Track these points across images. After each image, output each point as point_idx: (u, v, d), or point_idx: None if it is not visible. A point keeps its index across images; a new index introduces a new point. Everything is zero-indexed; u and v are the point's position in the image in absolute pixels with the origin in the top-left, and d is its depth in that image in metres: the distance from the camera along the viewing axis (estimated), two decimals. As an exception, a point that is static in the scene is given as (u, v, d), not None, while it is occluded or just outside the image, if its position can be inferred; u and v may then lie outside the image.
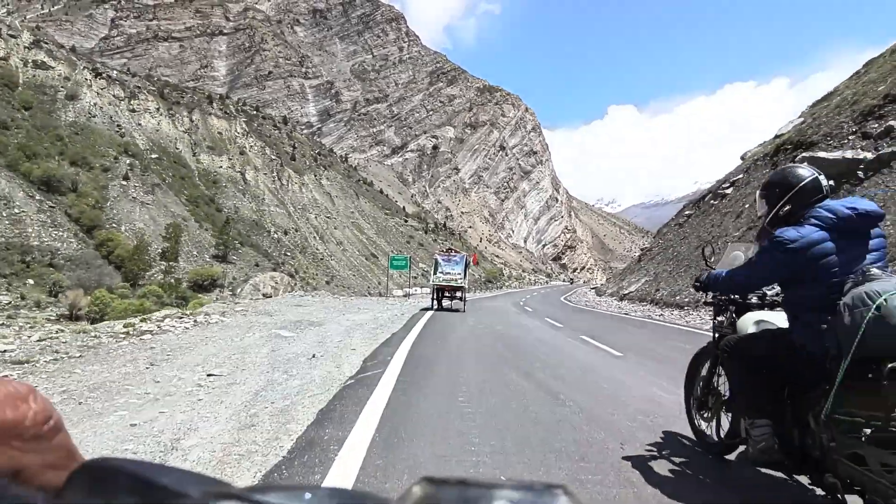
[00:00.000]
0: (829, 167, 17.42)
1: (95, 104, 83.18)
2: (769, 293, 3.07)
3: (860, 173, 16.49)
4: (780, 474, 2.66)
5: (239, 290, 54.03)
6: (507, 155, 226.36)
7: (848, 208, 2.38)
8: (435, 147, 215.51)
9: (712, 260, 3.43)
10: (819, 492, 2.42)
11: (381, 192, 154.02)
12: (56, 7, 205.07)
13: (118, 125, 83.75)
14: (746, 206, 21.07)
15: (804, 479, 2.52)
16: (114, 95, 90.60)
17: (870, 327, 2.03)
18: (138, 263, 51.59)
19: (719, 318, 3.27)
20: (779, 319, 2.76)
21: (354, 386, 4.52)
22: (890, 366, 1.99)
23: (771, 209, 2.62)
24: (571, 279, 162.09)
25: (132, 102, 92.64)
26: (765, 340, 2.67)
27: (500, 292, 57.38)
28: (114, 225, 58.77)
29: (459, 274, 18.18)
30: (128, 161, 71.15)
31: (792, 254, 2.38)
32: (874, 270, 2.22)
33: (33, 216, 50.53)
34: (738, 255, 3.06)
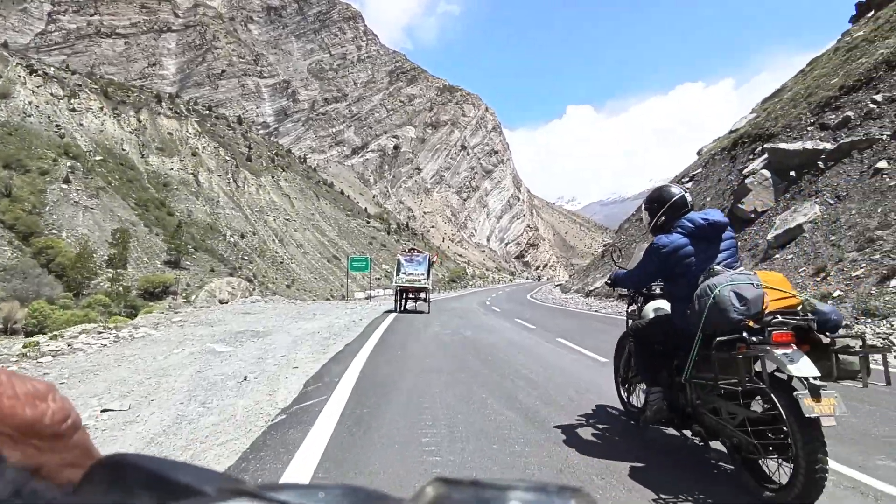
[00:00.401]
0: (791, 158, 17.42)
1: (31, 103, 77.90)
2: None
3: (821, 163, 16.50)
4: (672, 431, 3.38)
5: (193, 296, 51.40)
6: (468, 154, 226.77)
7: (702, 219, 3.04)
8: (396, 147, 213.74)
9: (620, 261, 4.04)
10: (698, 441, 3.16)
11: (342, 193, 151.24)
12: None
13: (57, 125, 78.70)
14: (707, 199, 20.83)
15: (688, 433, 3.19)
16: (51, 94, 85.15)
17: (709, 312, 2.66)
18: (82, 272, 48.34)
19: (631, 308, 4.08)
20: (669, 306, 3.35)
21: (285, 424, 3.44)
22: (717, 339, 2.62)
23: (652, 219, 3.30)
24: (538, 276, 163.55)
25: (72, 101, 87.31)
26: (657, 325, 3.35)
27: (465, 292, 56.59)
28: (54, 231, 54.94)
29: (423, 274, 17.30)
30: (69, 163, 66.80)
31: (665, 256, 3.05)
32: (717, 268, 2.85)
33: (-41, 223, 46.60)
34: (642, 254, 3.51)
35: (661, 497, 2.61)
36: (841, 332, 2.71)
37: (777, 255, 14.66)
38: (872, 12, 23.62)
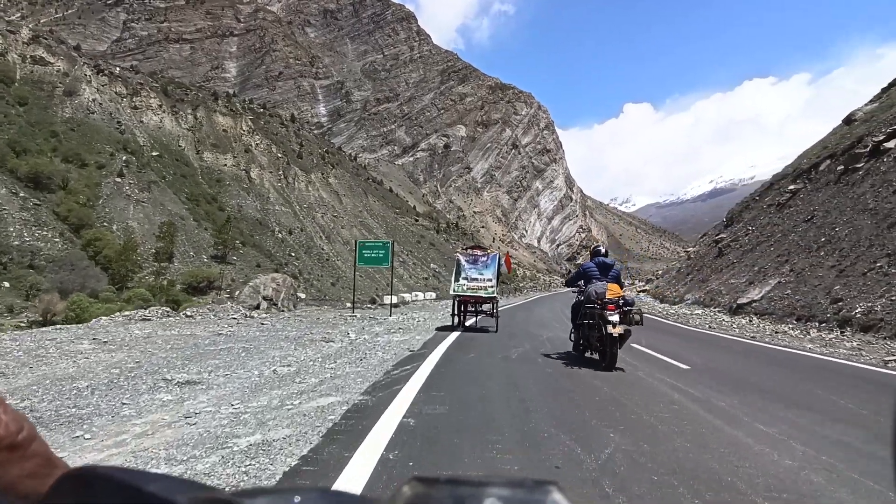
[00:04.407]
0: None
1: (94, 100, 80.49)
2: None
3: None
4: (587, 354, 7.93)
5: (237, 292, 50.39)
6: (519, 153, 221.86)
7: (600, 261, 7.91)
8: (446, 146, 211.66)
9: (568, 273, 10.34)
10: (589, 354, 7.94)
11: (391, 191, 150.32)
12: (70, 11, 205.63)
13: (118, 122, 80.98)
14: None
15: (587, 354, 8.00)
16: (115, 92, 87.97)
17: (585, 296, 7.59)
18: (126, 264, 48.14)
19: (577, 297, 8.31)
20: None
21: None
22: (585, 306, 7.58)
23: (591, 256, 8.40)
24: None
25: (134, 100, 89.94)
26: (580, 303, 7.90)
27: (525, 299, 51.71)
28: (105, 224, 55.53)
29: (490, 280, 13.06)
30: (124, 158, 68.07)
31: (582, 270, 8.04)
32: (594, 281, 7.61)
33: (15, 214, 47.38)
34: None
35: (567, 364, 7.33)
36: (638, 309, 7.34)
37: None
38: None
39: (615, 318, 6.85)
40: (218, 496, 0.30)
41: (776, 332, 13.81)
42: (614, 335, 6.78)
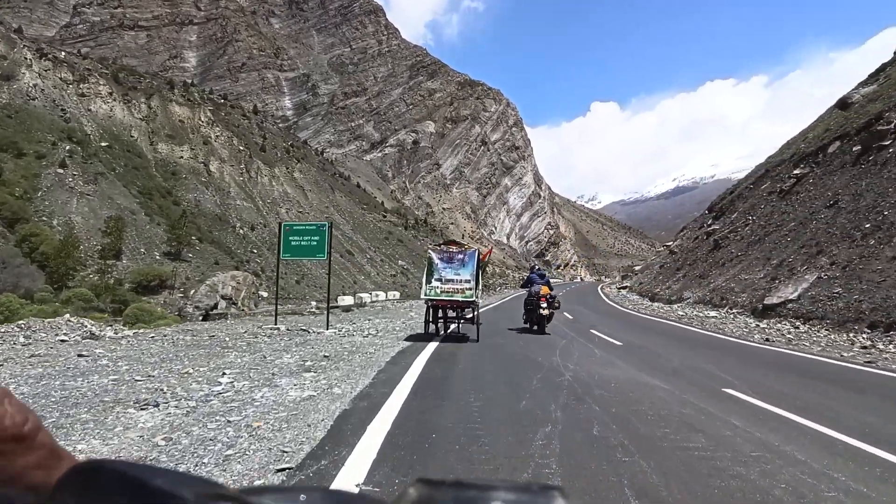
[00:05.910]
0: None
1: (35, 86, 74.78)
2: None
3: None
4: (534, 329, 13.51)
5: (192, 291, 47.10)
6: (488, 150, 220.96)
7: (539, 271, 14.92)
8: (415, 142, 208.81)
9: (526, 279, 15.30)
10: (534, 328, 13.55)
11: (359, 186, 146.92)
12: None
13: (63, 110, 75.47)
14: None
15: (533, 327, 13.65)
16: (60, 78, 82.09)
17: (528, 294, 13.92)
18: (66, 261, 44.15)
19: (528, 295, 14.09)
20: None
21: None
22: (527, 299, 14.06)
23: (531, 267, 17.20)
24: (578, 277, 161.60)
25: (81, 86, 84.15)
26: (529, 296, 13.84)
27: (500, 298, 49.80)
28: (44, 218, 51.12)
29: (468, 281, 11.07)
30: (67, 147, 63.14)
31: (529, 277, 14.58)
32: (535, 284, 13.84)
33: (-62, 207, 42.86)
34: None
35: (516, 335, 12.63)
36: (557, 299, 13.54)
37: None
38: None
39: (544, 305, 12.62)
40: (224, 492, 0.30)
41: (863, 349, 10.44)
42: (543, 314, 12.64)
